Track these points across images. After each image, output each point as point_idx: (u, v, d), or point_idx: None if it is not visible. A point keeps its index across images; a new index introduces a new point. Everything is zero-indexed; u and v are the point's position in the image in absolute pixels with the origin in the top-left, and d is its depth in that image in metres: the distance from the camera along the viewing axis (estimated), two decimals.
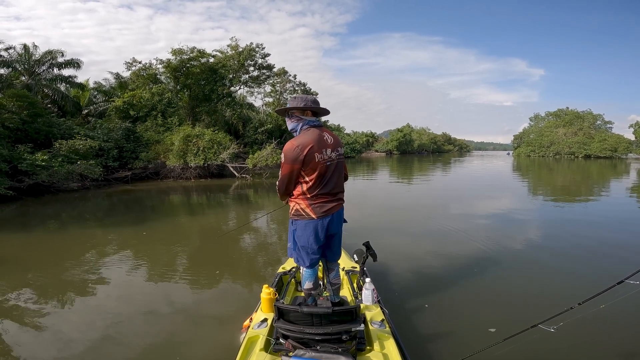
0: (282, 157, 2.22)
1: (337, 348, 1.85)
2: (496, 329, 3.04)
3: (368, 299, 2.45)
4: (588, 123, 55.06)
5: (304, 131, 2.26)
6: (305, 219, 2.25)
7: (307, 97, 2.31)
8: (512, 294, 3.50)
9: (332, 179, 2.27)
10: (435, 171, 23.11)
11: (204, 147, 14.88)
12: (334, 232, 2.38)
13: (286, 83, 29.10)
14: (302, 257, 2.33)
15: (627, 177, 19.07)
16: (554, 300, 3.22)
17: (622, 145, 47.97)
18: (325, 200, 2.27)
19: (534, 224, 6.97)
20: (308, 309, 1.91)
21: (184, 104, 21.60)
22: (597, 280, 3.74)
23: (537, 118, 65.71)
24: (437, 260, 4.54)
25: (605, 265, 4.36)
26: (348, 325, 1.87)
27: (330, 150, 2.26)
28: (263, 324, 2.21)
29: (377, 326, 2.14)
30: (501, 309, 3.19)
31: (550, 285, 3.72)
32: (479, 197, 10.91)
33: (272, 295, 2.39)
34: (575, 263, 4.47)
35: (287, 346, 1.95)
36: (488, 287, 3.66)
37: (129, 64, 20.34)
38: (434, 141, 78.81)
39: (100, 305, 3.38)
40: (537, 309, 3.00)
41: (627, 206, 9.80)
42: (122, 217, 8.12)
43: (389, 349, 1.95)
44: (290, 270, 3.08)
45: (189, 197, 11.15)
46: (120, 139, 15.33)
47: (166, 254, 5.07)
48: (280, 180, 2.26)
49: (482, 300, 3.37)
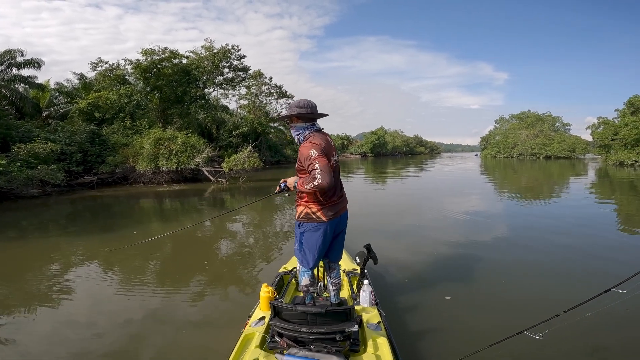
0: (312, 153, 2.12)
1: (331, 348, 1.87)
2: (450, 297, 3.32)
3: (365, 301, 2.45)
4: (548, 125, 58.50)
5: (312, 136, 2.27)
6: (316, 221, 2.27)
7: (310, 103, 2.33)
8: (503, 299, 3.46)
9: (338, 181, 2.39)
10: (409, 173, 23.63)
11: (177, 151, 14.37)
12: (338, 233, 2.45)
13: (262, 85, 28.84)
14: (307, 259, 2.35)
15: (593, 177, 20.36)
16: (543, 306, 3.16)
17: (580, 146, 51.35)
18: (336, 203, 2.32)
19: (522, 226, 6.83)
20: (302, 308, 1.94)
21: (154, 106, 20.83)
22: (581, 286, 3.74)
23: (502, 120, 69.10)
24: (430, 264, 4.53)
25: (591, 268, 4.31)
26: (342, 325, 1.88)
27: (334, 153, 2.36)
28: (260, 322, 2.23)
29: (373, 328, 2.13)
30: (491, 313, 3.15)
31: (539, 290, 3.66)
32: (462, 198, 11.23)
33: (271, 294, 2.40)
34: (562, 267, 4.39)
35: (281, 344, 1.97)
36: (481, 291, 3.62)
37: (94, 64, 19.39)
38: (406, 143, 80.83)
39: (75, 316, 3.12)
40: (525, 315, 2.96)
41: (609, 205, 10.39)
42: (89, 224, 7.64)
43: (382, 351, 1.94)
44: (292, 270, 3.09)
45: (162, 202, 10.69)
46: (85, 142, 14.50)
47: (141, 261, 4.80)
48: (323, 171, 2.06)
49: (473, 305, 3.33)
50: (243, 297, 3.52)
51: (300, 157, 2.22)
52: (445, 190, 13.39)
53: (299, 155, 2.25)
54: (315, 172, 2.08)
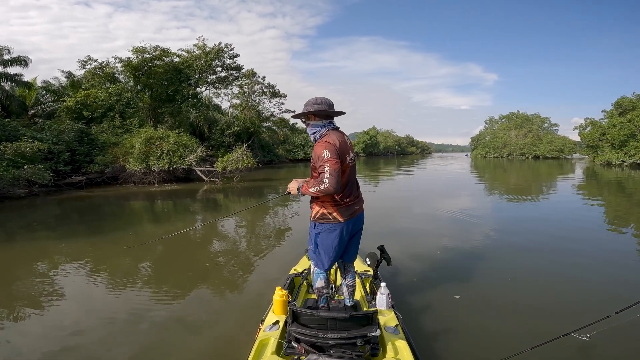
0: (324, 154, 2.05)
1: (351, 353, 1.81)
2: (460, 296, 3.24)
3: (382, 304, 2.38)
4: (537, 125, 59.56)
5: (328, 134, 2.19)
6: (332, 222, 2.21)
7: (327, 101, 2.26)
8: (534, 301, 3.30)
9: (354, 181, 2.34)
10: (402, 173, 23.72)
11: (169, 150, 14.11)
12: (354, 234, 2.38)
13: (255, 85, 28.61)
14: (322, 260, 2.28)
15: (594, 178, 20.71)
16: (583, 309, 3.08)
17: (567, 147, 52.48)
18: (352, 203, 2.27)
19: (553, 228, 6.53)
20: (325, 313, 1.87)
21: (145, 105, 20.48)
22: (628, 290, 3.56)
23: (492, 121, 70.07)
24: (434, 263, 4.47)
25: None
26: (364, 330, 1.82)
27: (351, 151, 2.29)
28: (275, 326, 2.14)
29: (391, 331, 2.06)
30: (521, 316, 3.02)
31: (579, 293, 3.52)
32: (457, 199, 11.26)
33: (284, 298, 2.33)
34: (607, 270, 4.18)
35: (299, 350, 1.90)
36: (507, 293, 3.52)
37: (83, 62, 18.97)
38: (398, 143, 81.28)
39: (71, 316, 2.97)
40: (564, 318, 2.88)
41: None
42: (77, 225, 7.40)
43: (402, 354, 1.87)
44: (302, 272, 3.00)
45: (154, 202, 10.47)
46: (73, 141, 14.11)
47: (147, 262, 4.66)
48: (331, 175, 2.01)
49: (485, 305, 3.24)
50: (253, 300, 3.38)
51: (314, 155, 2.16)
52: (441, 191, 13.45)
53: (313, 153, 2.19)
54: (324, 175, 2.02)
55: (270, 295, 2.49)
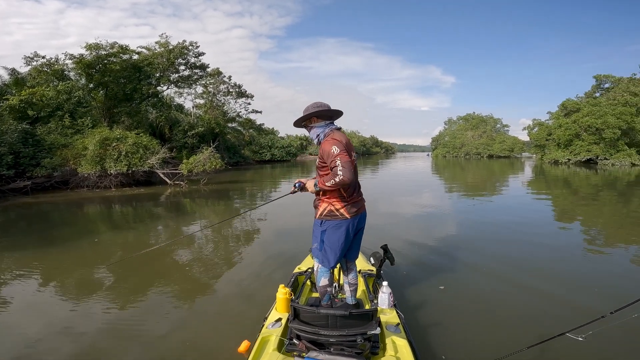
0: (333, 150, 2.14)
1: (351, 351, 1.83)
2: (444, 287, 3.38)
3: (384, 303, 2.39)
4: (490, 126, 63.52)
5: (332, 133, 2.29)
6: (339, 219, 2.28)
7: (326, 104, 2.38)
8: (534, 301, 3.32)
9: (357, 178, 2.40)
10: (367, 174, 24.14)
11: (128, 152, 13.26)
12: (357, 231, 2.42)
13: (220, 84, 27.79)
14: (328, 258, 2.31)
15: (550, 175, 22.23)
16: (581, 309, 3.11)
17: (517, 146, 56.72)
18: (357, 200, 2.36)
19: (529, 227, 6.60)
20: (325, 310, 1.91)
21: (99, 104, 19.14)
22: (626, 289, 3.60)
23: (450, 122, 73.61)
24: (432, 261, 4.51)
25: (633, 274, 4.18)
26: (364, 328, 1.82)
27: (353, 151, 2.37)
28: (277, 324, 2.19)
29: (392, 330, 2.06)
30: (521, 317, 3.02)
31: (577, 293, 3.52)
32: (422, 195, 11.58)
33: (287, 295, 2.39)
34: (602, 271, 4.24)
35: (300, 347, 1.93)
36: (509, 292, 3.54)
37: (29, 58, 17.45)
38: (363, 144, 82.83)
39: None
40: (563, 318, 2.91)
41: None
42: (25, 236, 6.69)
43: (402, 353, 1.87)
44: (306, 271, 3.02)
45: (111, 208, 9.75)
46: (16, 142, 12.84)
47: (150, 263, 4.56)
48: (344, 167, 2.09)
49: (500, 306, 3.22)
50: (257, 298, 3.38)
51: (322, 153, 2.22)
52: (407, 189, 13.83)
53: (321, 152, 2.25)
54: (337, 168, 2.10)
55: (274, 293, 2.54)
